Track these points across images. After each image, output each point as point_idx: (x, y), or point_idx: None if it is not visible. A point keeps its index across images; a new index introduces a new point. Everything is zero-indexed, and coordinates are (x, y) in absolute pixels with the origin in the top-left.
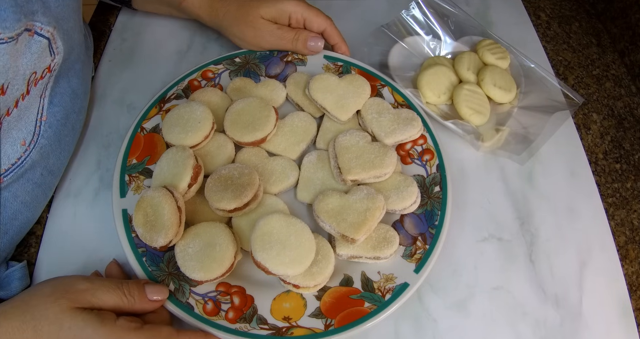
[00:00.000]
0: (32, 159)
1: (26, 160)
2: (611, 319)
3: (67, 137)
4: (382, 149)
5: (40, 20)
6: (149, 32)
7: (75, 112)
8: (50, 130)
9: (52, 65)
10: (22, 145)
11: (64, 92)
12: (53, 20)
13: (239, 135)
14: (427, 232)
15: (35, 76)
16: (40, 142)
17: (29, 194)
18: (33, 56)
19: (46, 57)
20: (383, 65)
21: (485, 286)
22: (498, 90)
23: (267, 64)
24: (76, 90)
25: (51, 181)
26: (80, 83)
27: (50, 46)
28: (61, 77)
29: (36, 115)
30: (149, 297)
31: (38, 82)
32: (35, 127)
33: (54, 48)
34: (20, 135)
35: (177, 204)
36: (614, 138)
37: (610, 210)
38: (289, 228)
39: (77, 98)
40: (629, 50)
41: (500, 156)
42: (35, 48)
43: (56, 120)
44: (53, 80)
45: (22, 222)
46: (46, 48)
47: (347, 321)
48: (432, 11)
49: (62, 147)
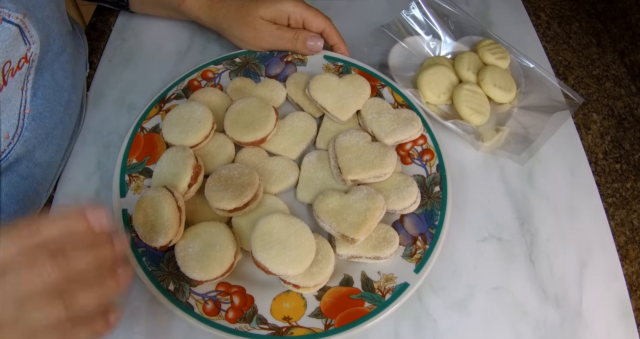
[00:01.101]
0: (16, 152)
1: (10, 153)
2: (611, 319)
3: (55, 131)
4: (382, 149)
5: (7, 6)
6: (149, 32)
7: (61, 105)
8: (34, 123)
9: (28, 55)
10: (6, 138)
11: (47, 85)
12: (22, 7)
13: (239, 135)
14: (427, 232)
15: (11, 65)
16: (24, 134)
17: (14, 186)
18: (3, 44)
19: (19, 46)
20: (383, 65)
21: (485, 286)
22: (498, 90)
23: (267, 64)
24: (61, 83)
25: (40, 175)
26: (66, 76)
27: (23, 34)
28: (45, 70)
29: (19, 108)
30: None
31: (15, 72)
32: (18, 120)
33: (27, 37)
34: (3, 128)
35: (177, 204)
36: (614, 138)
37: (610, 210)
38: (289, 228)
39: (62, 91)
40: (629, 50)
41: (500, 156)
42: (4, 35)
43: (39, 113)
44: (34, 72)
45: (8, 215)
46: (18, 36)
47: (347, 321)
48: (432, 11)
49: (50, 141)
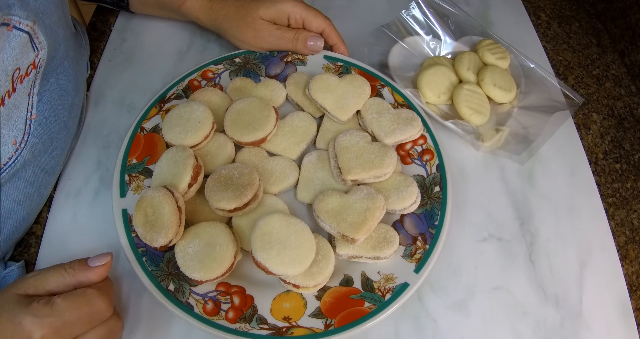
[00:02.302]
0: (23, 158)
1: (17, 159)
2: (611, 319)
3: (59, 135)
4: (382, 149)
5: (18, 14)
6: (148, 32)
7: (65, 110)
8: (40, 128)
9: (36, 61)
10: (13, 145)
11: (53, 90)
12: (32, 14)
13: (239, 135)
14: (427, 232)
15: (20, 73)
16: (31, 140)
17: (22, 192)
18: (14, 51)
19: (29, 53)
20: (383, 65)
21: (485, 286)
22: (498, 90)
23: (267, 64)
24: (65, 87)
25: (45, 180)
26: (69, 80)
27: (32, 41)
28: (50, 75)
29: (26, 114)
30: (90, 264)
31: (24, 79)
32: (25, 126)
33: (36, 43)
34: (11, 135)
35: (177, 204)
36: (614, 138)
37: (610, 210)
38: (289, 228)
39: (66, 96)
40: (629, 50)
41: (500, 156)
42: (15, 43)
43: (45, 118)
44: (40, 77)
45: (16, 221)
46: (27, 43)
47: (347, 321)
48: (432, 11)
49: (55, 145)
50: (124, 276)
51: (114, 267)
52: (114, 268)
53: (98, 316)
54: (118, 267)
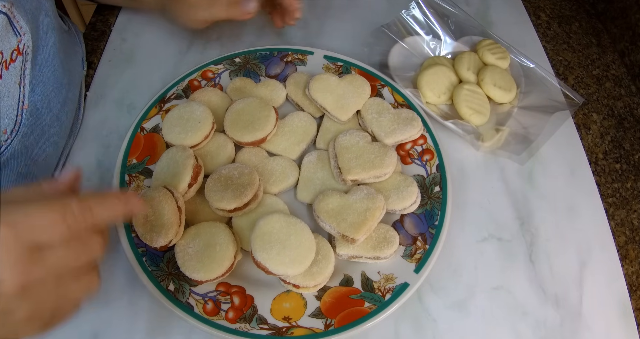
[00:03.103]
0: (14, 148)
1: (8, 148)
2: (611, 319)
3: (51, 128)
4: (382, 149)
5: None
6: (149, 32)
7: (59, 102)
8: (32, 118)
9: (20, 47)
10: (4, 134)
11: (47, 82)
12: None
13: (239, 135)
14: (427, 232)
15: (4, 57)
16: (22, 130)
17: (13, 184)
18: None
19: (10, 37)
20: (383, 65)
21: (485, 286)
22: (498, 90)
23: (267, 64)
24: (60, 79)
25: (37, 172)
26: (63, 73)
27: (12, 24)
28: (44, 66)
29: (17, 103)
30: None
31: (9, 65)
32: (16, 116)
33: (17, 27)
34: (2, 124)
35: (177, 204)
36: (614, 138)
37: (610, 210)
38: (289, 228)
39: (60, 88)
40: (629, 50)
41: (500, 156)
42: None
43: (37, 109)
44: (30, 66)
45: None
46: (7, 25)
47: (347, 321)
48: (432, 11)
49: (47, 138)
50: (124, 276)
51: (114, 267)
52: (114, 267)
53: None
54: (118, 267)
